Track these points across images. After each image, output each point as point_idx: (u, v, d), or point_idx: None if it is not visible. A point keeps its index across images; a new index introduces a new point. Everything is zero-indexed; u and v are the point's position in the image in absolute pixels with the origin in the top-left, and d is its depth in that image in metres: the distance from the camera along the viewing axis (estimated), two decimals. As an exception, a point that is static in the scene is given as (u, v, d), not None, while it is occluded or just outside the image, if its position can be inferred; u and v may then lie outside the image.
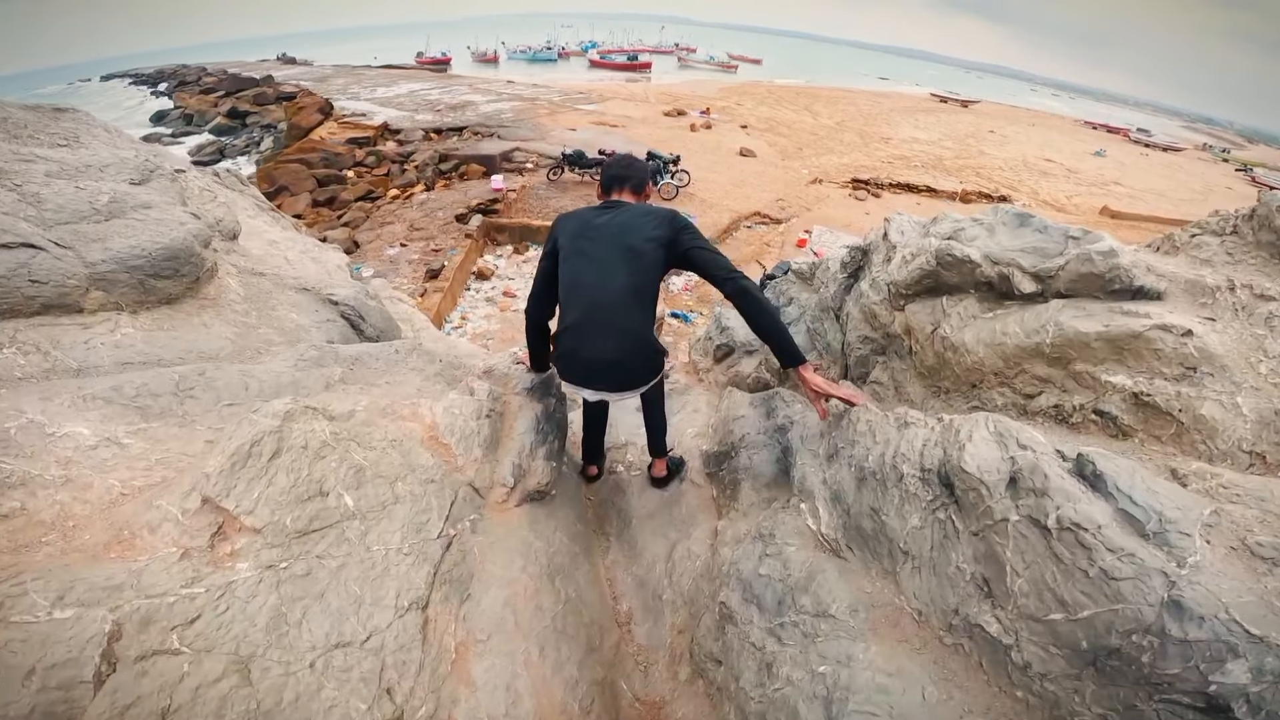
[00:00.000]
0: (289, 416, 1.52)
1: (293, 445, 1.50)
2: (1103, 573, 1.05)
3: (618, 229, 1.99)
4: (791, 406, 2.48)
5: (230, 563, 1.33)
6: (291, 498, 1.45)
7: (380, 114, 28.91)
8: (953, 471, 1.35)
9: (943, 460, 1.40)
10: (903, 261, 2.32)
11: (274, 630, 1.28)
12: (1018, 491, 1.21)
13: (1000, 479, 1.25)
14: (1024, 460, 1.22)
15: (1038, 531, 1.16)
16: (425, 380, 2.53)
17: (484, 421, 2.23)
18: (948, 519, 1.35)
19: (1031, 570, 1.15)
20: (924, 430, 1.52)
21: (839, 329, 3.22)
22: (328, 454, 1.57)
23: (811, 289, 4.84)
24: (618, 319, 1.98)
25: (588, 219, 2.06)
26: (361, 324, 3.07)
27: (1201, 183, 35.93)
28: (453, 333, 9.23)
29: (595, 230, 2.02)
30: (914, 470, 1.46)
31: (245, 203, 6.70)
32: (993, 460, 1.28)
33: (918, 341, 2.22)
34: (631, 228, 1.99)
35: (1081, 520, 1.09)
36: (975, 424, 1.39)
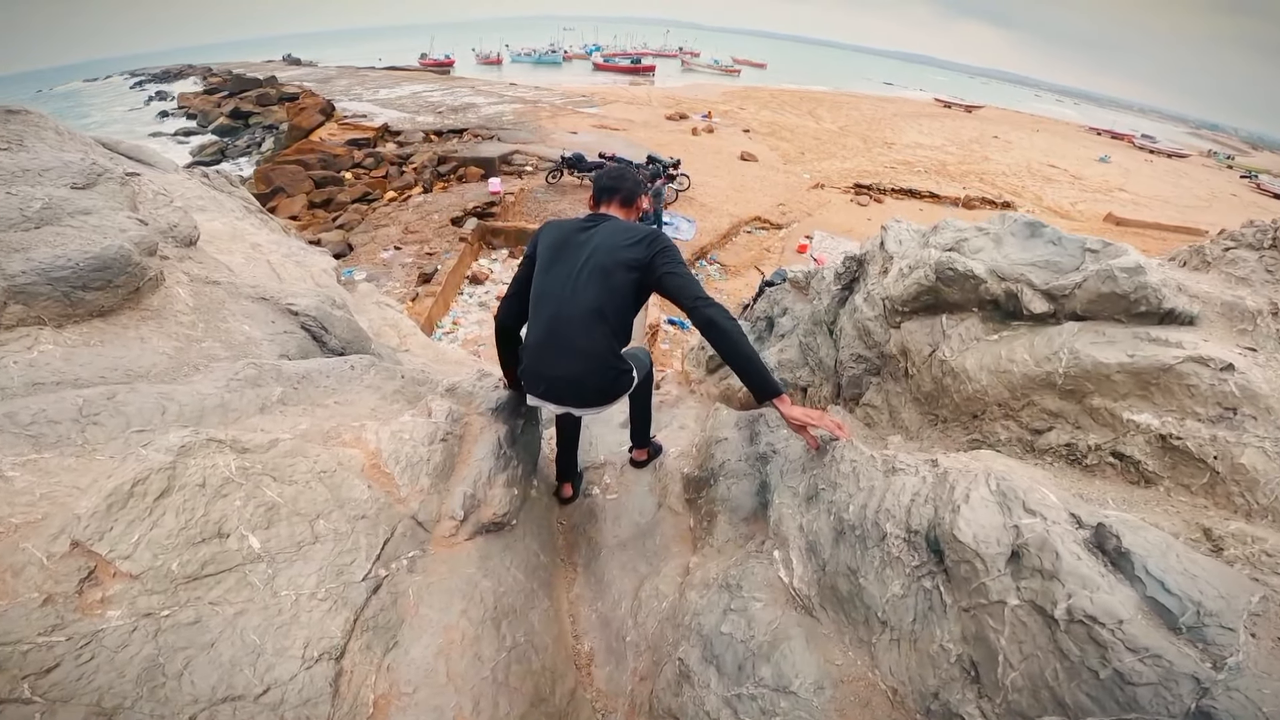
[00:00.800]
0: (185, 451, 1.33)
1: (187, 483, 1.31)
2: (1117, 675, 0.85)
3: (594, 247, 1.92)
4: (775, 432, 2.28)
5: (100, 610, 1.15)
6: (181, 540, 1.27)
7: (381, 115, 28.77)
8: (943, 538, 1.15)
9: (933, 522, 1.20)
10: (899, 275, 2.13)
11: (146, 682, 1.13)
12: (1020, 569, 1.01)
13: (1000, 552, 1.05)
14: (1031, 533, 1.02)
15: (1041, 620, 0.96)
16: (382, 400, 2.33)
17: (437, 447, 2.04)
18: (934, 589, 1.16)
19: (1029, 663, 0.96)
20: (913, 480, 1.32)
21: (832, 345, 3.02)
22: (231, 491, 1.38)
23: (806, 299, 4.64)
24: (577, 338, 1.91)
25: (569, 231, 1.99)
26: (325, 335, 2.88)
27: (1206, 189, 35.69)
28: (443, 338, 9.03)
29: (572, 245, 1.96)
30: (899, 530, 1.26)
31: (233, 204, 6.54)
32: (993, 529, 1.07)
33: (914, 364, 2.02)
34: (607, 247, 1.91)
35: (1098, 614, 0.89)
36: (974, 481, 1.18)
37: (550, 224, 2.09)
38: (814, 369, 3.25)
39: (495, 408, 2.40)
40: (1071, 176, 30.98)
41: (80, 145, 3.60)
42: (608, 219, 2.03)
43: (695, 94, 44.99)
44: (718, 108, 35.99)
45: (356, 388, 2.30)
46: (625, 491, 2.92)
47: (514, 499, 2.21)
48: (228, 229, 5.66)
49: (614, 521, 2.71)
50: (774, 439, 2.25)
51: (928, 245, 2.10)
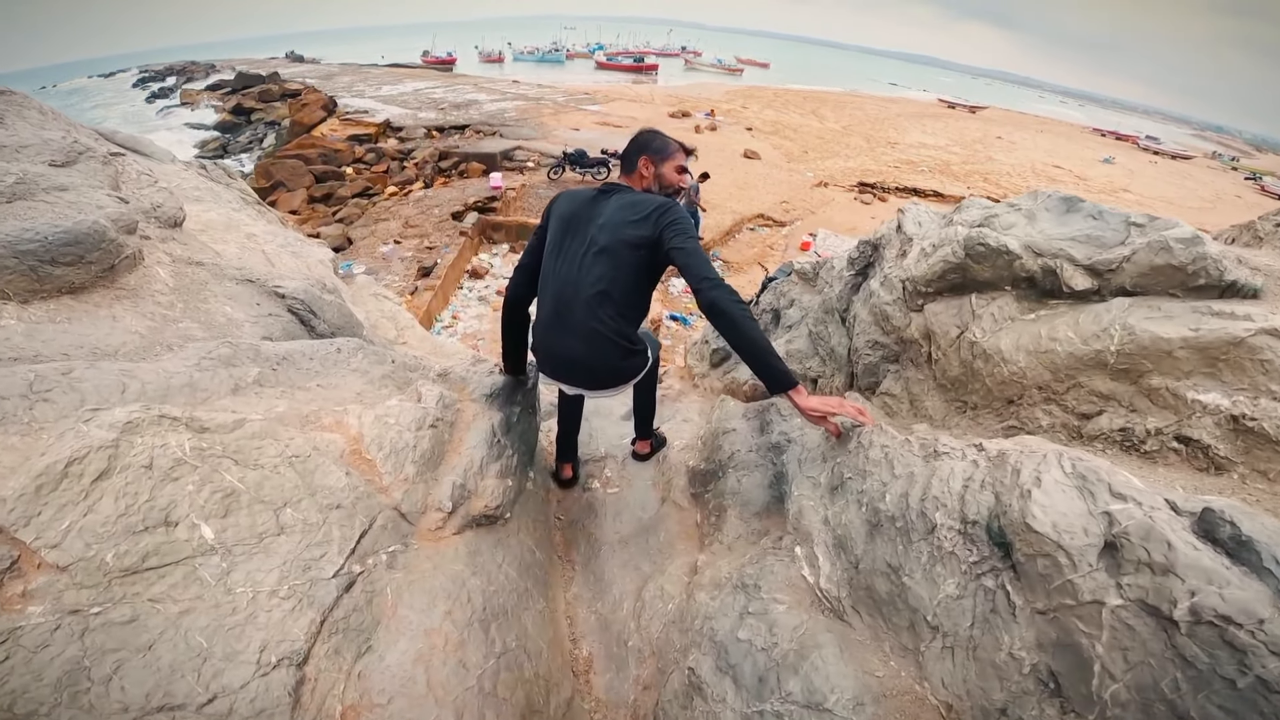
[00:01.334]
0: (131, 428, 1.19)
1: (130, 464, 1.16)
2: (1261, 684, 0.70)
3: (602, 223, 1.84)
4: (788, 421, 2.13)
5: (20, 605, 1.01)
6: (119, 529, 1.12)
7: (383, 112, 28.68)
8: (1012, 528, 1.00)
9: (995, 510, 1.04)
10: (921, 255, 1.98)
11: (68, 687, 0.98)
12: (1120, 564, 0.86)
13: (1090, 544, 0.89)
14: (1129, 520, 0.86)
15: (1154, 623, 0.81)
16: (369, 384, 2.19)
17: (425, 433, 1.89)
18: (999, 588, 1.00)
19: (1137, 673, 0.80)
20: (962, 464, 1.17)
21: (845, 333, 2.87)
22: (183, 475, 1.23)
23: (814, 290, 4.49)
24: (582, 319, 1.83)
25: (580, 204, 1.91)
26: (313, 320, 2.74)
27: (1211, 191, 35.49)
28: (442, 332, 8.88)
29: (581, 220, 1.88)
30: (951, 520, 1.11)
31: (230, 195, 6.41)
32: (1076, 517, 0.92)
33: (939, 348, 1.87)
34: (614, 224, 1.81)
35: (1233, 613, 0.74)
36: (1044, 463, 1.02)
37: (564, 195, 1.98)
38: (825, 359, 3.10)
39: (490, 394, 2.26)
40: (1076, 177, 30.79)
41: (63, 125, 3.46)
42: (618, 191, 1.91)
43: (698, 93, 44.83)
44: (721, 106, 35.83)
45: (342, 371, 2.15)
46: (627, 486, 2.78)
47: (508, 491, 2.07)
48: (223, 219, 5.53)
49: (615, 517, 2.57)
50: (787, 428, 2.10)
51: (952, 224, 1.95)
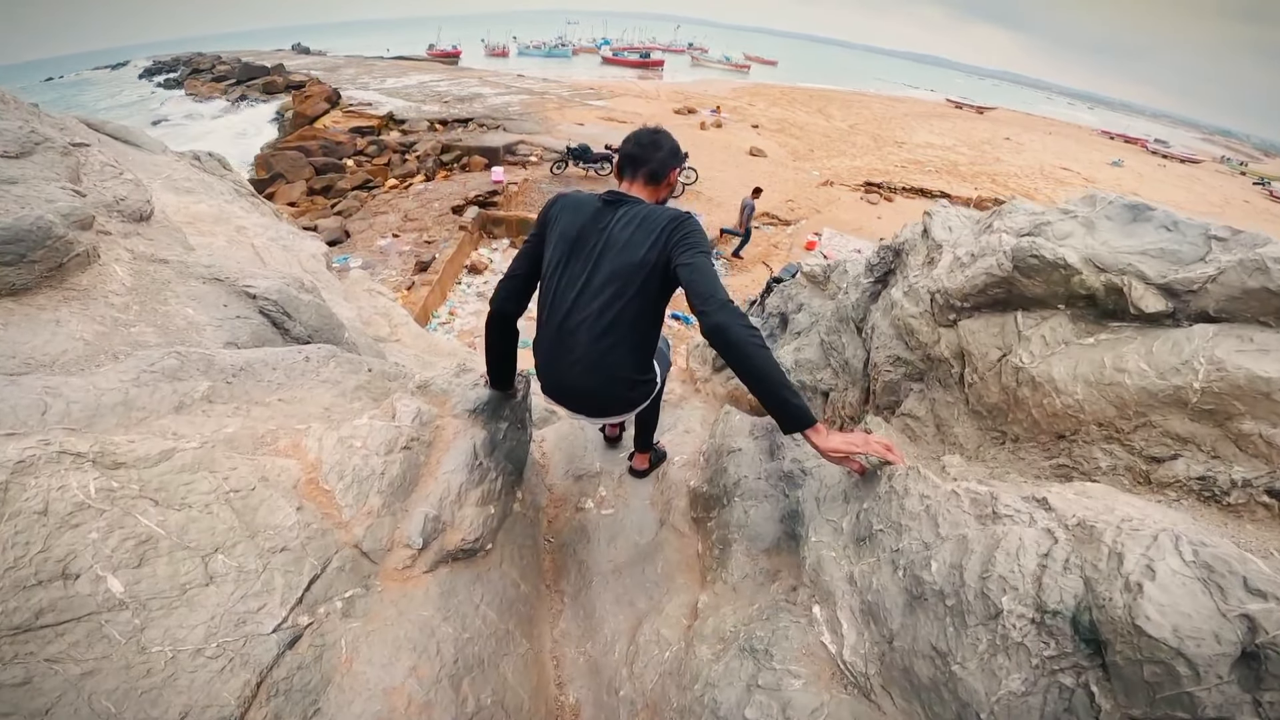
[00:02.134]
0: (23, 468, 0.99)
1: (20, 510, 0.96)
2: None
3: (611, 243, 1.63)
4: (802, 446, 1.93)
5: None
6: (7, 583, 0.93)
7: (387, 104, 28.44)
8: (1113, 626, 0.79)
9: (1086, 601, 0.84)
10: (955, 264, 1.77)
11: None
12: (1261, 677, 0.66)
13: (1221, 653, 0.70)
14: (1279, 629, 0.67)
15: None
16: (340, 397, 1.99)
17: (396, 457, 1.69)
18: (1079, 687, 0.80)
19: None
20: (1032, 533, 0.96)
21: (861, 344, 2.66)
22: (86, 520, 1.03)
23: (825, 294, 4.28)
24: (589, 349, 1.67)
25: (586, 218, 1.68)
26: (287, 322, 2.54)
27: (1219, 196, 35.15)
28: (439, 329, 8.68)
29: (586, 238, 1.66)
30: (1023, 607, 0.90)
31: (223, 187, 6.26)
32: (1203, 619, 0.72)
33: (975, 370, 1.66)
34: (622, 245, 1.61)
35: None
36: (1156, 547, 0.81)
37: (565, 203, 1.75)
38: (838, 371, 2.90)
39: (474, 409, 2.05)
40: (1084, 180, 30.47)
41: (22, 114, 3.25)
42: (627, 203, 1.68)
43: (704, 90, 44.49)
44: (727, 104, 35.52)
45: (309, 382, 1.95)
46: (623, 506, 2.58)
47: (489, 520, 1.87)
48: (214, 211, 5.36)
49: (609, 542, 2.37)
50: (800, 455, 1.89)
51: (993, 230, 1.74)
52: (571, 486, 2.77)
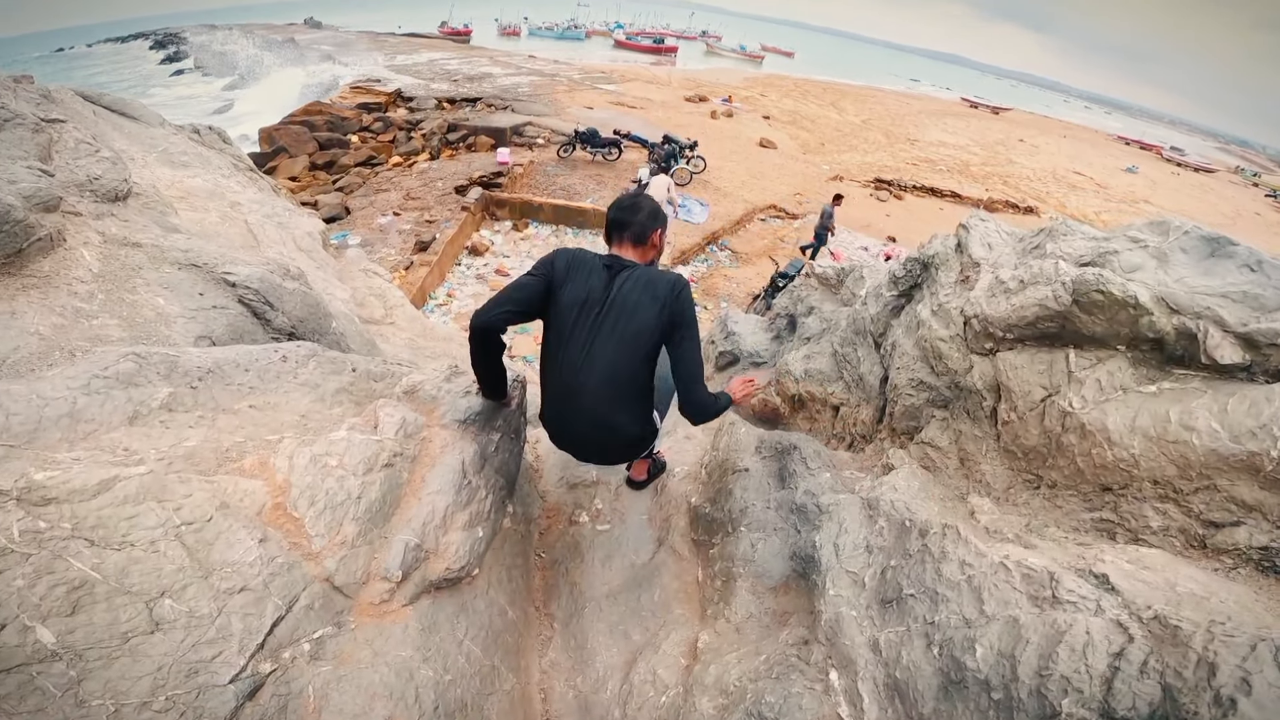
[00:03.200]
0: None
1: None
2: None
3: (617, 307, 1.71)
4: (817, 475, 1.79)
5: None
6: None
7: (396, 81, 28.03)
8: None
9: (1163, 709, 0.70)
10: (998, 288, 1.61)
11: None
12: None
13: None
14: None
15: None
16: (319, 401, 1.84)
17: (376, 477, 1.55)
18: None
19: None
20: (1100, 624, 0.81)
21: (878, 361, 2.51)
22: (10, 566, 0.90)
23: (837, 298, 4.12)
24: (594, 409, 1.77)
25: (593, 281, 1.73)
26: (268, 312, 2.38)
27: (1231, 207, 34.79)
28: (436, 310, 8.50)
29: (594, 301, 1.71)
30: (1086, 711, 0.76)
31: (221, 161, 6.09)
32: None
33: (1014, 408, 1.51)
34: (634, 310, 1.70)
35: None
36: (1253, 658, 0.67)
37: (572, 261, 1.76)
38: (851, 385, 2.75)
39: (464, 419, 1.90)
40: (1097, 185, 30.12)
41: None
42: (627, 267, 1.76)
43: (717, 78, 43.89)
44: (739, 93, 35.01)
45: (286, 385, 1.80)
46: (619, 521, 2.44)
47: (477, 544, 1.73)
48: (208, 186, 5.20)
49: (604, 562, 2.23)
50: (815, 486, 1.75)
51: (1044, 254, 1.58)
52: (565, 496, 2.63)
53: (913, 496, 1.43)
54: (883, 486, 1.52)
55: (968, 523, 1.28)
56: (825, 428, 2.95)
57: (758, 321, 5.15)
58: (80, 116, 4.19)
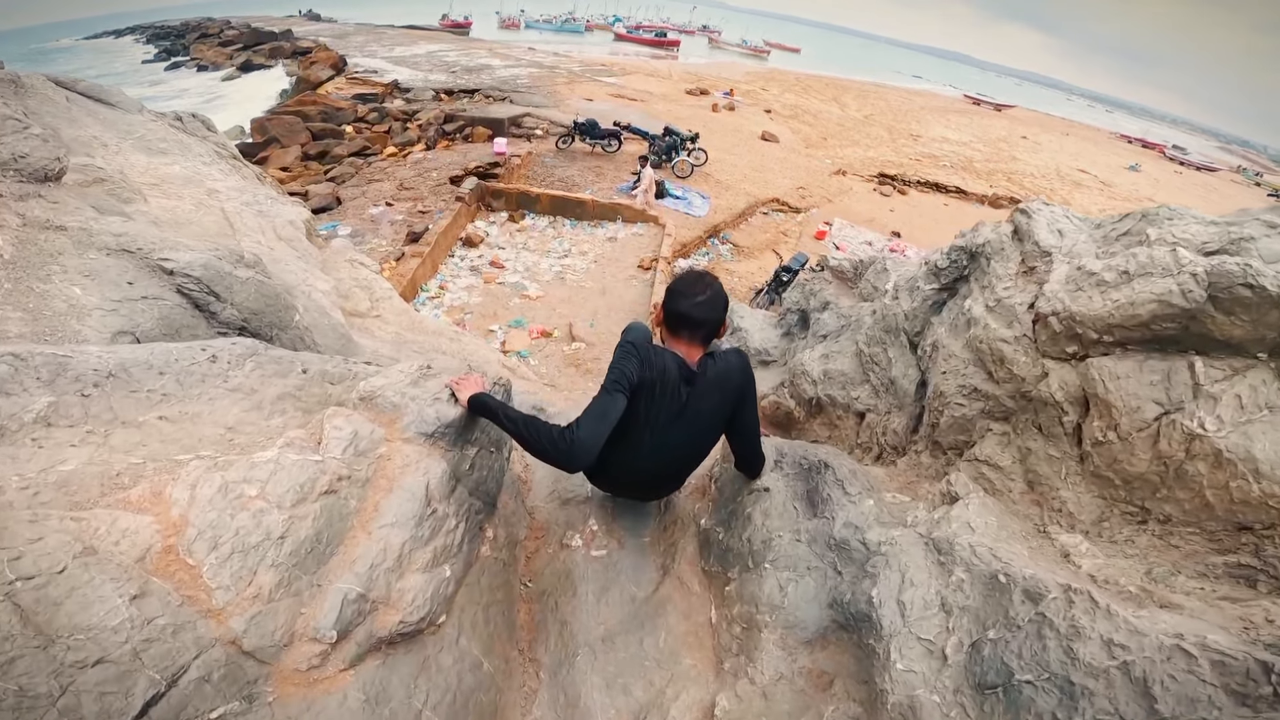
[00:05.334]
0: None
1: None
2: None
3: (694, 412, 1.71)
4: (858, 503, 1.47)
5: None
6: None
7: (394, 73, 27.63)
8: None
9: None
10: (1087, 281, 1.30)
11: None
12: None
13: None
14: None
15: None
16: (253, 410, 1.52)
17: (310, 509, 1.23)
18: None
19: None
20: None
21: (914, 363, 2.20)
22: None
23: (855, 292, 3.80)
24: (662, 483, 2.01)
25: (670, 383, 1.68)
26: (213, 304, 2.06)
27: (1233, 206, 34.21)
28: (427, 303, 8.16)
29: (669, 407, 1.69)
30: None
31: (203, 149, 5.82)
32: None
33: (1114, 427, 1.20)
34: (709, 409, 1.73)
35: None
36: None
37: (649, 353, 1.68)
38: (879, 390, 2.44)
39: (432, 432, 1.58)
40: (1101, 183, 29.83)
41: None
42: (701, 375, 1.70)
43: (718, 72, 43.43)
44: (740, 87, 34.60)
45: (212, 392, 1.48)
46: (616, 546, 2.13)
47: (443, 586, 1.42)
48: (185, 173, 4.95)
49: (599, 596, 1.92)
50: (857, 516, 1.43)
51: (1148, 241, 1.27)
52: (557, 513, 2.32)
53: (995, 539, 1.13)
54: (952, 524, 1.21)
55: (1099, 589, 0.97)
56: (848, 436, 2.65)
57: (765, 317, 4.84)
58: (51, 101, 3.91)
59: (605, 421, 1.52)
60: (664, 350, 1.71)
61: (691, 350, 1.71)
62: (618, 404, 1.55)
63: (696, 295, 1.67)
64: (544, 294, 9.03)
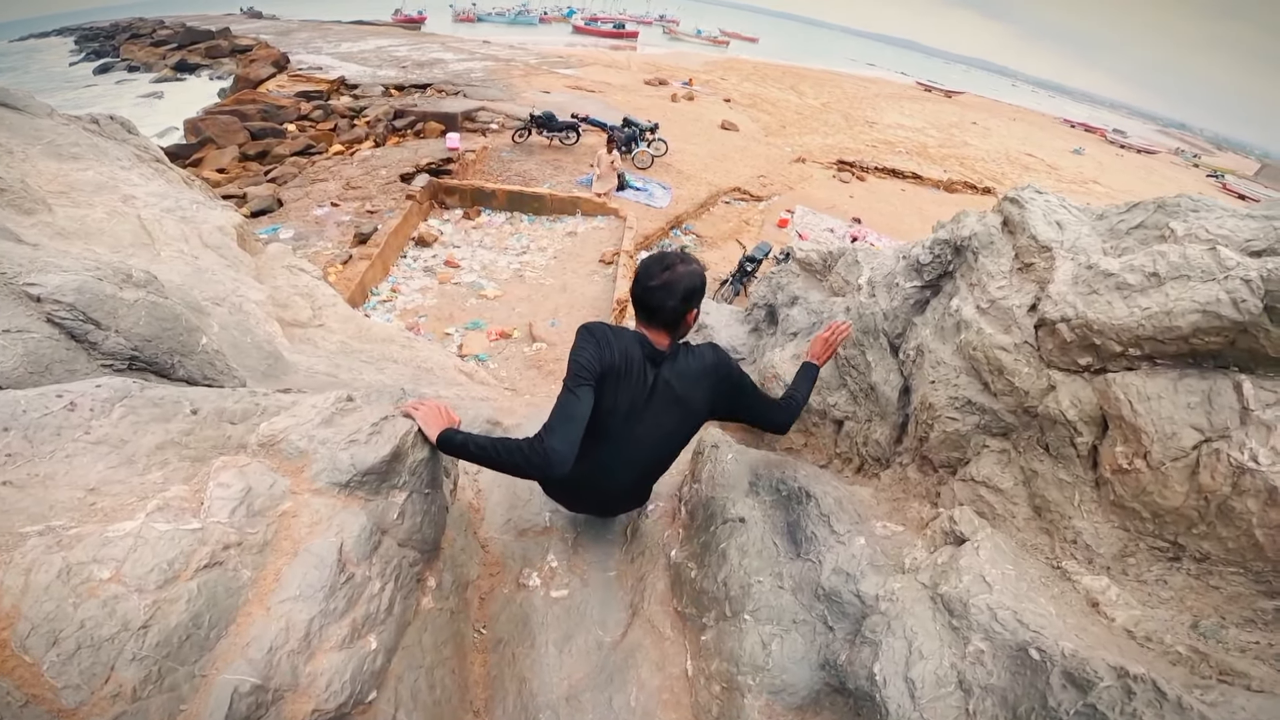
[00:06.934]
0: None
1: None
2: None
3: (661, 405, 1.62)
4: (847, 543, 1.29)
5: None
6: None
7: (340, 69, 26.61)
8: None
9: None
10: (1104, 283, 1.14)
11: None
12: None
13: None
14: None
15: None
16: (124, 465, 1.25)
17: (186, 588, 0.99)
18: None
19: None
20: None
21: (895, 368, 2.03)
22: None
23: (824, 286, 3.63)
24: (627, 491, 1.84)
25: (634, 377, 1.58)
26: (93, 333, 1.75)
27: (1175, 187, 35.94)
28: (378, 307, 7.74)
29: (638, 400, 1.60)
30: None
31: (121, 152, 5.41)
32: None
33: (1142, 454, 1.04)
34: (678, 404, 1.63)
35: None
36: None
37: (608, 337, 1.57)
38: (858, 396, 2.27)
39: (348, 481, 1.33)
40: (1048, 166, 30.69)
41: None
42: (668, 361, 1.62)
43: (677, 62, 43.18)
44: (699, 77, 34.43)
45: (71, 447, 1.21)
46: (579, 584, 1.92)
47: (368, 661, 1.18)
48: (99, 179, 4.58)
49: (561, 645, 1.70)
50: (847, 560, 1.25)
51: (1174, 238, 1.11)
52: (512, 546, 2.10)
53: (1015, 595, 0.95)
54: (962, 576, 1.03)
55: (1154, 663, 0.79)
56: (825, 445, 2.48)
57: (733, 312, 4.66)
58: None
59: (575, 422, 1.43)
60: (623, 330, 1.61)
61: (658, 336, 1.61)
62: (584, 400, 1.46)
63: (651, 279, 1.55)
64: (503, 293, 8.71)
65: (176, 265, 3.64)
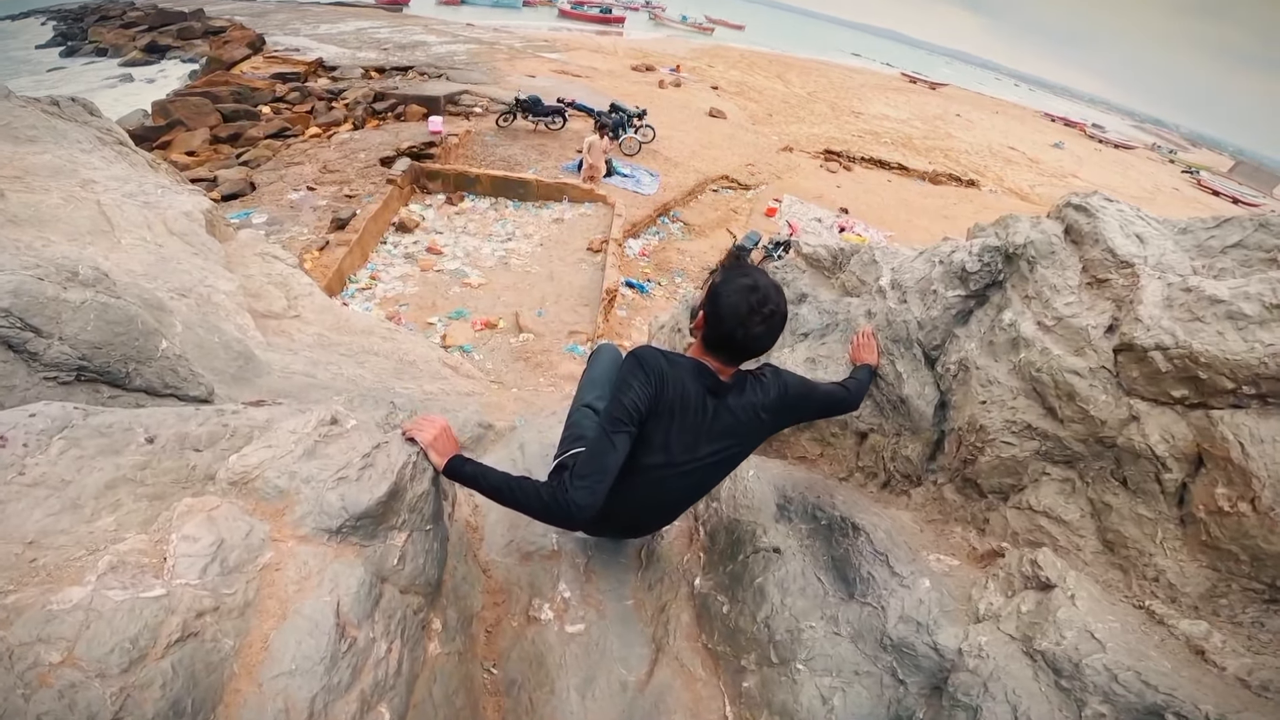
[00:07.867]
0: None
1: None
2: None
3: (723, 435, 1.45)
4: (911, 586, 1.14)
5: None
6: None
7: (318, 51, 25.78)
8: None
9: None
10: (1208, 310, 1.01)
11: None
12: None
13: None
14: None
15: None
16: (67, 511, 1.06)
17: (158, 670, 0.82)
18: None
19: None
20: None
21: (933, 381, 1.89)
22: None
23: (834, 284, 3.49)
24: (671, 514, 1.67)
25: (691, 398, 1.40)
26: (33, 341, 1.53)
27: (1151, 182, 36.58)
28: (356, 295, 7.45)
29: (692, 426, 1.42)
30: None
31: (82, 135, 5.15)
32: None
33: (1250, 498, 0.91)
34: (743, 436, 1.48)
35: None
36: None
37: (673, 382, 1.40)
38: (885, 409, 2.13)
39: (339, 527, 1.15)
40: (1029, 159, 30.95)
41: None
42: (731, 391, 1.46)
43: (664, 48, 42.63)
44: (686, 63, 34.04)
45: (2, 492, 1.01)
46: (596, 617, 1.75)
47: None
48: (56, 163, 4.34)
49: (582, 689, 1.55)
50: (914, 606, 1.11)
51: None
52: (517, 571, 1.93)
53: (1130, 650, 0.82)
54: (1062, 631, 0.90)
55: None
56: (845, 457, 2.34)
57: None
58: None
59: (605, 475, 1.28)
60: (679, 359, 1.44)
61: (725, 369, 1.46)
62: (620, 449, 1.31)
63: (756, 321, 1.34)
64: (487, 281, 8.45)
65: (138, 254, 3.38)
